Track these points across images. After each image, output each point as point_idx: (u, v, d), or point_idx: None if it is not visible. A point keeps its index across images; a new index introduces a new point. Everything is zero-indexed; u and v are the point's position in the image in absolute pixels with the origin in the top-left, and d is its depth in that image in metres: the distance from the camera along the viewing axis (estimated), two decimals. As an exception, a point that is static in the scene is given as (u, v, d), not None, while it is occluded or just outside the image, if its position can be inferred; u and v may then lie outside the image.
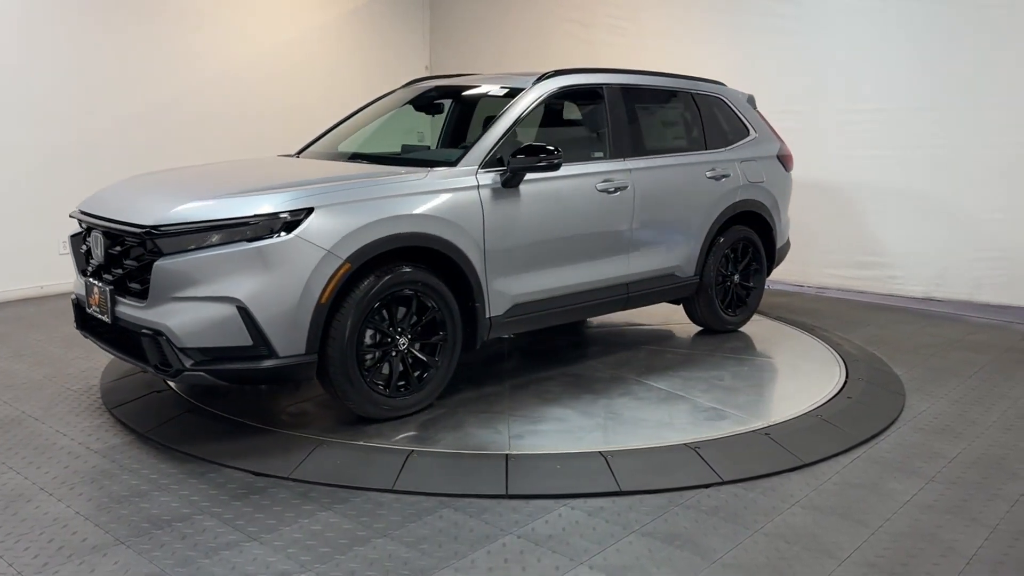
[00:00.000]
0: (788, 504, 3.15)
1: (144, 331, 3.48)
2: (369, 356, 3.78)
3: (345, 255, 3.58)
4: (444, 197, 3.94)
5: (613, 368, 4.78)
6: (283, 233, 3.50)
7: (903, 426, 4.02)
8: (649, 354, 5.12)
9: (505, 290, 4.20)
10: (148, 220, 3.54)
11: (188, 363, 3.45)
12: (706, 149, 5.32)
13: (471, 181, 4.07)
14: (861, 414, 4.09)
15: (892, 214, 6.77)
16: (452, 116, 5.48)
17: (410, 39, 10.06)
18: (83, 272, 4.02)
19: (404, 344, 3.87)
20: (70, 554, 2.74)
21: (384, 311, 3.80)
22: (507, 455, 3.47)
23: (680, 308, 5.60)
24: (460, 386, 4.38)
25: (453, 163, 4.13)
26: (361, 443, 3.61)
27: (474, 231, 4.01)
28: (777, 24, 7.19)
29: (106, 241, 3.79)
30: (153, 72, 7.59)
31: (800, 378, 4.72)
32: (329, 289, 3.55)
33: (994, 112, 6.20)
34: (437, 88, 5.31)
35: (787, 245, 6.02)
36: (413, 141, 6.00)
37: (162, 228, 3.48)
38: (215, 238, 3.47)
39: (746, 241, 5.51)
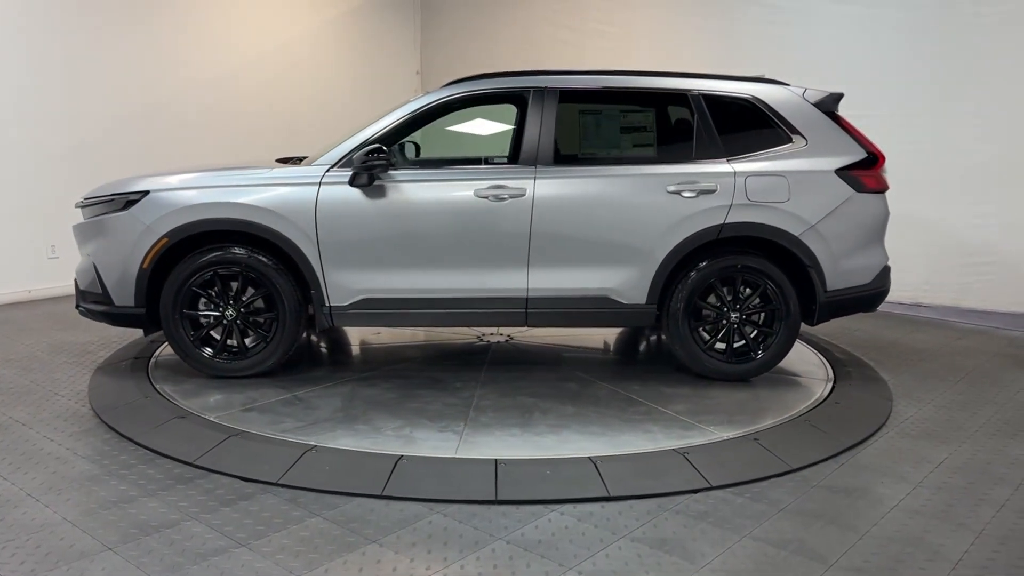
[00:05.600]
0: (776, 509, 3.17)
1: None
2: (204, 320, 4.51)
3: (163, 231, 4.33)
4: (275, 190, 4.37)
5: (499, 384, 4.57)
6: (124, 209, 4.41)
7: (890, 431, 4.05)
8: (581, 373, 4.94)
9: (348, 283, 4.42)
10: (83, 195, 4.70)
11: (80, 301, 4.66)
12: (692, 159, 4.49)
13: (314, 178, 4.39)
14: (849, 419, 4.12)
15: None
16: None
17: (401, 44, 10.09)
18: None
19: (232, 315, 4.49)
20: (57, 560, 2.72)
21: (222, 284, 4.46)
22: (496, 460, 3.47)
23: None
24: (303, 368, 4.81)
25: (311, 161, 4.55)
26: (350, 448, 3.60)
27: (304, 223, 4.34)
28: (764, 29, 7.25)
29: None
30: (144, 76, 7.58)
31: (788, 383, 4.73)
32: (149, 257, 4.37)
33: (981, 118, 6.26)
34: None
35: (869, 289, 4.61)
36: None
37: (83, 200, 4.65)
38: (94, 210, 4.55)
39: (751, 273, 4.51)
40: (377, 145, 4.33)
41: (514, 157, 4.53)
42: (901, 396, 4.58)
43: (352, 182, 4.35)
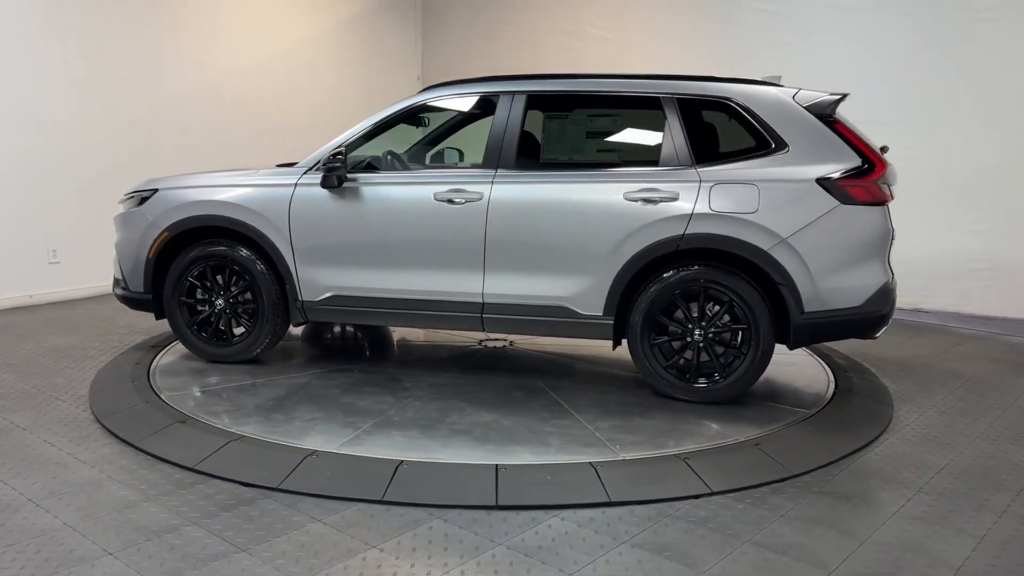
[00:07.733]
0: (777, 515, 3.17)
1: None
2: (201, 309, 4.93)
3: (164, 225, 4.81)
4: (257, 191, 4.71)
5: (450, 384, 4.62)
6: (139, 205, 4.93)
7: (891, 437, 4.05)
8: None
9: (319, 279, 4.66)
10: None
11: (114, 286, 5.17)
12: (658, 164, 4.24)
13: (290, 180, 4.68)
14: (850, 425, 4.12)
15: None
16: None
17: (402, 50, 10.12)
18: None
19: (221, 304, 4.88)
20: (58, 565, 2.72)
21: (213, 276, 4.86)
22: (496, 465, 3.47)
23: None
24: (295, 360, 5.13)
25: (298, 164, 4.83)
26: (350, 454, 3.60)
27: (279, 222, 4.64)
28: (761, 36, 7.27)
29: None
30: (146, 81, 7.60)
31: (788, 389, 4.74)
32: (153, 248, 4.84)
33: (982, 124, 6.27)
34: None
35: (859, 312, 4.11)
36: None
37: (124, 195, 5.12)
38: (126, 205, 5.06)
39: (717, 288, 4.17)
40: (339, 149, 4.55)
41: (480, 161, 4.51)
42: (902, 402, 4.58)
43: (323, 184, 4.56)
